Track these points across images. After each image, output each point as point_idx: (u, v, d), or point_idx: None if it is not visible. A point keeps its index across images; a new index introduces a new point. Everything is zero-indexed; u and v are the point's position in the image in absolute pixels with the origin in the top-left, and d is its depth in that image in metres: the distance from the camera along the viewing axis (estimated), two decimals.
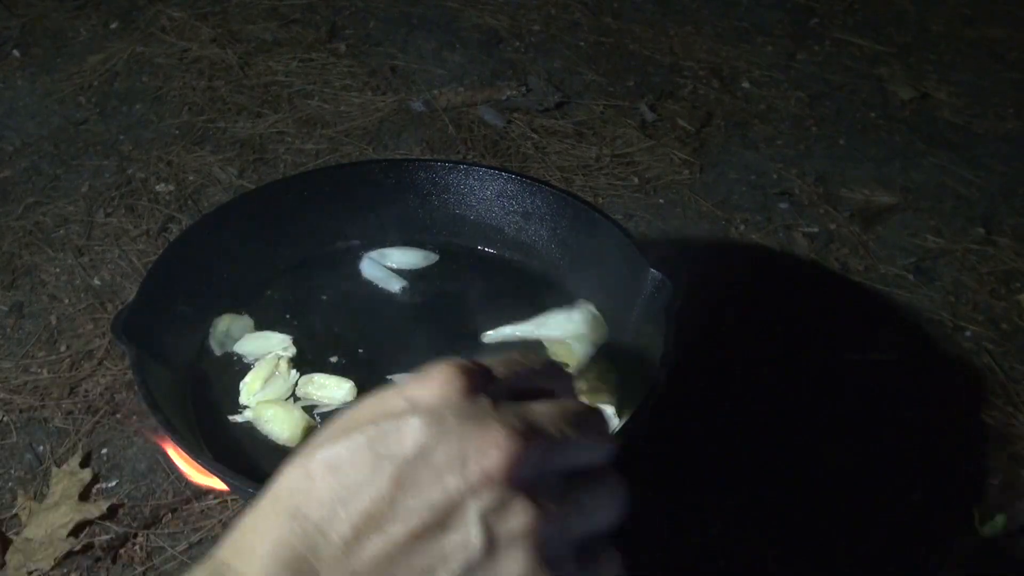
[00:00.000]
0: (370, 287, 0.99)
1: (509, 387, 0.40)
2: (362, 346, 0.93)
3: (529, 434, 0.36)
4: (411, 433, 0.35)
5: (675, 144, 1.46)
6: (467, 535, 0.34)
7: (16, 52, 1.65)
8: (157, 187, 1.34)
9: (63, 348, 1.10)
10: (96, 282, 1.19)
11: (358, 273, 1.00)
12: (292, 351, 0.90)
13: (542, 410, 0.38)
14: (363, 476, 0.35)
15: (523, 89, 1.56)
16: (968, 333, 1.16)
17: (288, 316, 0.95)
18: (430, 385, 0.37)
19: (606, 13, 1.79)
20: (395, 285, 0.98)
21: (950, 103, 1.58)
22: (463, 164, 1.03)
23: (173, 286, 0.89)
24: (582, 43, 1.71)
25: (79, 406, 1.03)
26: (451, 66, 1.63)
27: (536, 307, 0.96)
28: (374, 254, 1.01)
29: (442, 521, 0.34)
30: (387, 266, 1.01)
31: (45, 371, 1.07)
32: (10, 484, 0.96)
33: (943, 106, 1.57)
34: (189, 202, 1.32)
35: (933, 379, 1.10)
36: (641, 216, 1.31)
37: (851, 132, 1.51)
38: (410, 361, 0.88)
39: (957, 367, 1.11)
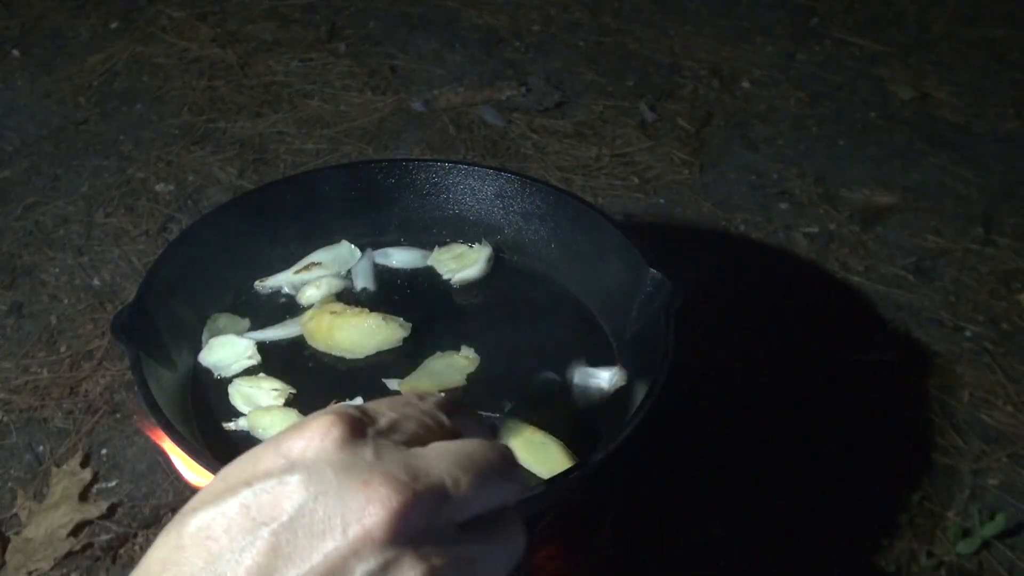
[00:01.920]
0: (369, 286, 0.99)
1: (399, 430, 0.37)
2: None
3: (415, 485, 0.33)
4: (287, 494, 0.33)
5: (675, 144, 1.46)
6: None
7: (16, 52, 1.65)
8: (157, 187, 1.34)
9: (63, 348, 1.10)
10: (96, 282, 1.19)
11: (357, 272, 1.00)
12: (257, 359, 0.89)
13: (434, 455, 0.35)
14: (238, 544, 0.32)
15: (523, 89, 1.56)
16: (968, 333, 1.16)
17: (288, 317, 0.95)
18: (307, 437, 0.35)
19: (606, 13, 1.79)
20: (389, 284, 0.99)
21: (950, 103, 1.58)
22: (463, 164, 1.03)
23: (173, 286, 0.89)
24: (582, 43, 1.71)
25: (79, 406, 1.03)
26: (451, 66, 1.63)
27: (535, 307, 0.96)
28: (374, 253, 1.02)
29: None
30: (386, 265, 1.01)
31: (45, 371, 1.07)
32: (10, 484, 0.96)
33: (943, 106, 1.57)
34: (189, 202, 1.32)
35: (933, 379, 1.10)
36: (641, 216, 1.31)
37: (851, 132, 1.51)
38: (408, 360, 0.88)
39: (957, 367, 1.11)
